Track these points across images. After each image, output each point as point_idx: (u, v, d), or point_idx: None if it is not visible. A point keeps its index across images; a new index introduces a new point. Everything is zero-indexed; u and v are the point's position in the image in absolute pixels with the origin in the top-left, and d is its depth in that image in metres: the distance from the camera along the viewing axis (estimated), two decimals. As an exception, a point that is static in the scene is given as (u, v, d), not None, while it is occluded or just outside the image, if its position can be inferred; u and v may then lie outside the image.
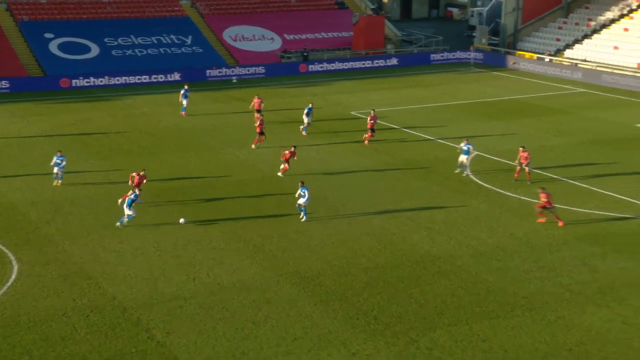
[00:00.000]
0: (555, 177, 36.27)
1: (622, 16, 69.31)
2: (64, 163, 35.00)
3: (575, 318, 23.14)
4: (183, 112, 49.17)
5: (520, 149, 35.88)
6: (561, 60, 65.82)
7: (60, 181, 35.03)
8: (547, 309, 23.67)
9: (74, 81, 58.61)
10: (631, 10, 69.45)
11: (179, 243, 28.73)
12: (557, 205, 31.74)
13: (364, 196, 34.06)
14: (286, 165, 36.10)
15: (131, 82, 60.25)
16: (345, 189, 34.92)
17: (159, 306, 23.84)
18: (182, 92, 49.54)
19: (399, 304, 23.98)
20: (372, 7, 76.69)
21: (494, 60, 69.71)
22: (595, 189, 34.96)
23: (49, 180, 35.15)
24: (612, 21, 69.34)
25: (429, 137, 43.87)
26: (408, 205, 32.75)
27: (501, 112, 51.30)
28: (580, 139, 43.88)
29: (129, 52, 65.54)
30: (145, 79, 60.85)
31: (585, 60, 64.42)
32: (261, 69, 64.43)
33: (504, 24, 73.74)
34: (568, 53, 67.27)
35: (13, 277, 25.74)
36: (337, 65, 66.83)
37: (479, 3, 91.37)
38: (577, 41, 68.52)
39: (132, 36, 67.30)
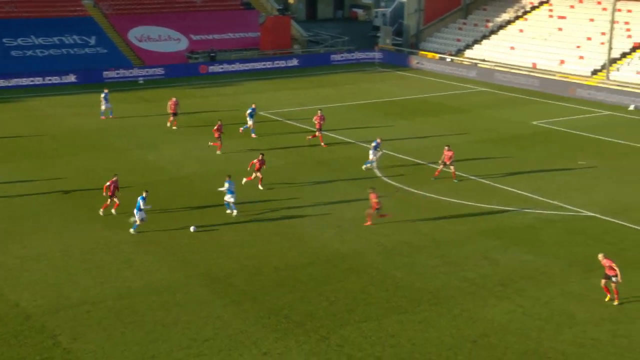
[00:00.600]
0: (458, 174, 37.33)
1: (517, 17, 71.94)
2: None
3: (479, 311, 23.97)
4: (103, 116, 48.09)
5: (445, 148, 36.66)
6: (462, 60, 67.74)
7: None
8: (453, 303, 24.43)
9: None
10: (525, 12, 72.18)
11: (86, 247, 28.19)
12: (461, 202, 32.83)
13: (273, 196, 34.22)
14: (257, 174, 34.85)
15: (24, 84, 57.99)
16: (255, 189, 34.98)
17: (65, 312, 23.36)
18: (102, 95, 48.37)
19: (310, 302, 24.27)
20: (279, 7, 76.95)
21: (397, 60, 71.07)
22: (496, 184, 36.22)
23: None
24: (508, 22, 71.87)
25: (338, 137, 44.38)
26: (318, 204, 33.12)
27: (406, 111, 52.41)
28: (480, 137, 45.31)
29: (30, 52, 63.64)
30: (39, 80, 58.89)
31: (484, 60, 66.50)
32: (161, 70, 63.46)
33: (406, 24, 75.29)
34: (468, 53, 69.28)
35: None
36: (239, 66, 66.47)
37: (382, 4, 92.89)
38: (477, 41, 70.67)
39: (32, 36, 65.34)
